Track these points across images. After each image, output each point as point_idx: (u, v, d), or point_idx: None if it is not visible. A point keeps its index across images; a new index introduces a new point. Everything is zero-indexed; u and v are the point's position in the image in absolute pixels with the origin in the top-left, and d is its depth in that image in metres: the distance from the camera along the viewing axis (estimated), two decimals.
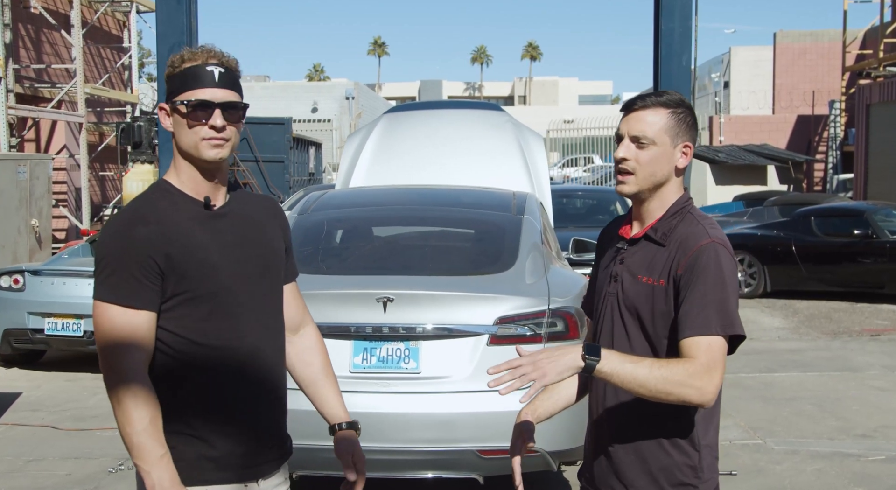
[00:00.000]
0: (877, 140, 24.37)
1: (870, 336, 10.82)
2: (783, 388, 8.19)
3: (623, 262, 2.57)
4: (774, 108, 39.18)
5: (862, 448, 6.37)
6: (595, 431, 2.64)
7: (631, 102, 2.54)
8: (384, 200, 6.25)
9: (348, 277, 5.09)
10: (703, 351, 2.34)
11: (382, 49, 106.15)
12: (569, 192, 14.02)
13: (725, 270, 2.41)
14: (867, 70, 26.57)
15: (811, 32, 40.34)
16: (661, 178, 2.52)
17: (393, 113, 8.51)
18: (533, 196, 6.17)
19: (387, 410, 4.59)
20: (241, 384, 2.35)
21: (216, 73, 2.33)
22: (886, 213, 13.99)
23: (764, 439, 6.57)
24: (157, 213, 2.28)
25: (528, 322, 4.67)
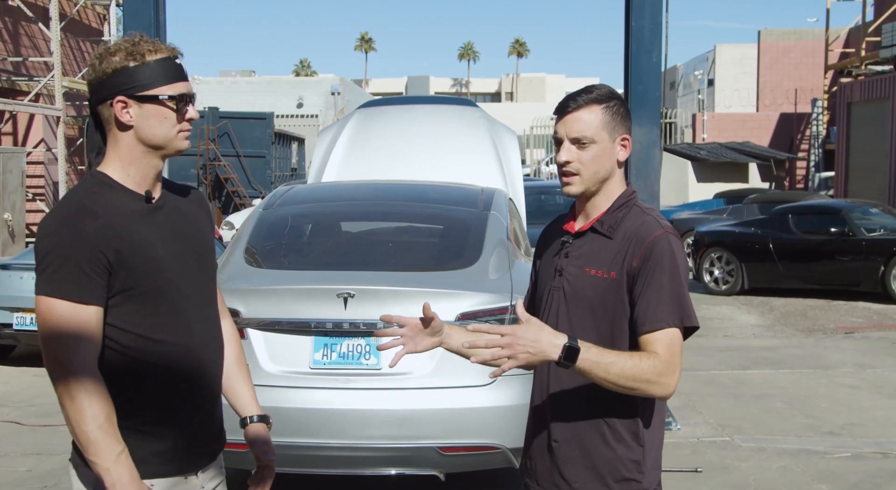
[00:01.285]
0: (858, 138, 24.47)
1: (844, 334, 10.85)
2: (754, 385, 8.20)
3: (568, 255, 2.56)
4: (758, 105, 39.30)
5: (828, 445, 6.38)
6: (537, 423, 2.61)
7: (564, 104, 2.53)
8: (350, 196, 6.23)
9: (309, 272, 5.06)
10: (664, 346, 2.38)
11: (369, 45, 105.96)
12: (547, 189, 14.01)
13: (679, 261, 2.45)
14: (849, 68, 26.64)
15: (795, 31, 40.46)
16: (605, 174, 2.53)
17: (366, 108, 8.47)
18: (501, 192, 6.14)
19: (347, 407, 4.58)
20: (187, 378, 2.36)
21: (182, 65, 2.37)
22: (863, 210, 14.04)
23: (731, 436, 6.58)
24: (104, 206, 2.25)
25: (491, 318, 4.66)
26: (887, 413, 7.22)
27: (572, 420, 2.51)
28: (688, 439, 6.43)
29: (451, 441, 4.57)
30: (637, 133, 6.20)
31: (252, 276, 5.06)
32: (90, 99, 2.36)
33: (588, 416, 2.50)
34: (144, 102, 2.29)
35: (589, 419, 2.50)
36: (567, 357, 2.28)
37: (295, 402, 4.60)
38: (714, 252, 14.15)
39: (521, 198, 7.25)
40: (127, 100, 2.29)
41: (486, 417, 4.62)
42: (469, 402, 4.63)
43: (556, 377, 2.53)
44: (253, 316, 4.69)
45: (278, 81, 51.80)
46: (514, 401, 4.59)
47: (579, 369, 2.31)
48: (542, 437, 2.59)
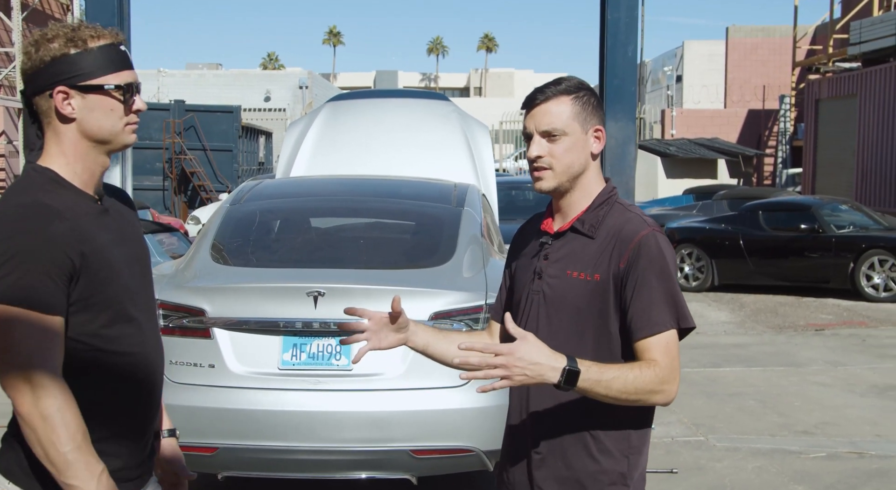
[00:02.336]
0: (825, 135, 24.63)
1: (814, 331, 10.86)
2: (727, 383, 8.16)
3: (548, 257, 2.44)
4: (726, 102, 39.51)
5: (802, 445, 6.34)
6: (516, 433, 2.48)
7: (532, 97, 2.42)
8: (320, 191, 6.09)
9: (278, 270, 4.93)
10: (662, 352, 2.27)
11: (338, 39, 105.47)
12: (518, 184, 13.92)
13: (669, 260, 2.34)
14: (817, 65, 26.81)
15: (763, 27, 40.71)
16: (578, 168, 2.41)
17: (336, 101, 8.33)
18: (475, 187, 6.04)
19: (317, 409, 4.46)
20: (144, 390, 2.21)
21: (127, 53, 2.18)
22: (832, 207, 14.09)
23: (706, 436, 6.52)
24: (67, 207, 2.06)
25: (465, 317, 4.55)
26: (860, 411, 7.20)
27: (554, 430, 2.39)
28: (662, 439, 6.36)
29: (424, 444, 4.46)
30: (612, 128, 6.10)
31: (219, 274, 4.92)
32: (25, 89, 2.15)
33: (571, 425, 2.38)
34: (88, 93, 2.10)
35: (572, 429, 2.38)
36: (568, 381, 2.17)
37: (263, 405, 4.47)
38: (684, 248, 14.13)
39: (494, 193, 7.14)
40: (68, 90, 2.09)
41: (460, 419, 4.52)
42: (442, 403, 4.51)
43: (537, 390, 2.40)
44: (219, 315, 4.55)
45: (245, 75, 51.38)
46: (488, 402, 4.48)
47: (580, 390, 2.19)
48: (521, 448, 2.46)
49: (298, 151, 7.25)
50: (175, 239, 10.91)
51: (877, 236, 13.06)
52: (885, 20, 21.31)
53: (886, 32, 21.11)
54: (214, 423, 4.47)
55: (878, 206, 18.97)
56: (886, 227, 13.68)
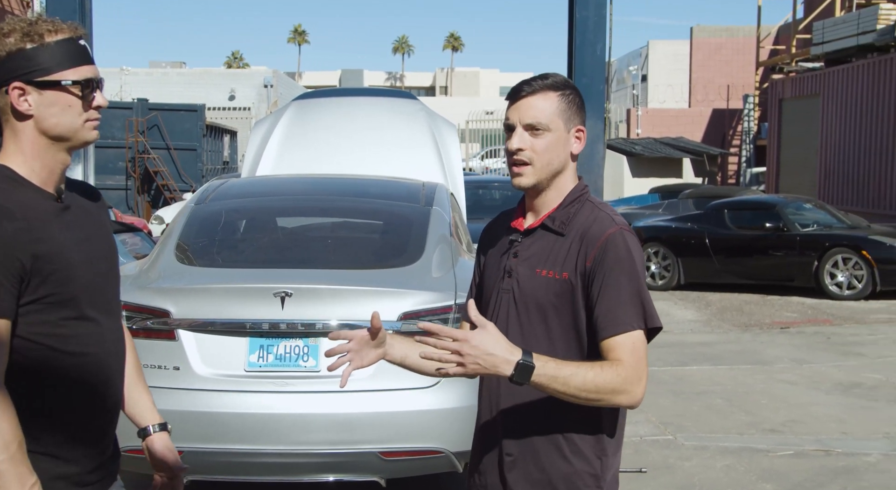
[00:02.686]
0: (788, 134, 24.85)
1: (780, 329, 10.93)
2: (694, 381, 8.19)
3: (517, 255, 2.41)
4: (691, 101, 39.79)
5: (770, 443, 6.36)
6: (486, 435, 2.44)
7: (518, 89, 2.38)
8: (286, 190, 6.03)
9: (244, 271, 4.86)
10: (628, 352, 2.23)
11: (303, 37, 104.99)
12: (485, 183, 13.91)
13: (637, 259, 2.30)
14: (780, 65, 27.06)
15: (727, 28, 41.05)
16: (558, 166, 2.37)
17: (302, 100, 8.26)
18: (443, 187, 6.00)
19: (284, 411, 4.40)
20: (99, 392, 2.15)
21: (87, 47, 2.12)
22: (797, 206, 14.20)
23: (674, 435, 6.53)
24: (18, 206, 2.00)
25: (435, 317, 4.51)
26: (826, 409, 7.25)
27: (526, 432, 2.36)
28: (630, 438, 6.35)
29: (393, 445, 4.42)
30: None
31: (183, 275, 4.85)
32: None
33: (543, 427, 2.34)
34: (45, 89, 2.04)
35: (544, 430, 2.34)
36: (521, 375, 2.13)
37: (229, 407, 4.41)
38: (651, 247, 14.18)
39: (462, 192, 7.12)
40: (25, 86, 2.03)
41: (429, 420, 4.48)
42: (411, 404, 4.47)
43: (507, 383, 2.38)
44: (184, 316, 4.48)
45: (210, 73, 51.00)
46: (457, 403, 4.46)
47: (535, 384, 2.16)
48: (492, 451, 2.42)
49: (264, 150, 7.19)
50: (138, 239, 10.78)
51: (840, 235, 13.19)
52: (847, 21, 21.54)
53: (848, 33, 21.33)
54: (179, 426, 4.35)
55: (841, 205, 19.17)
56: (850, 225, 13.82)
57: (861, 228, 13.72)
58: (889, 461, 5.97)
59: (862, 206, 19.95)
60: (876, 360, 9.07)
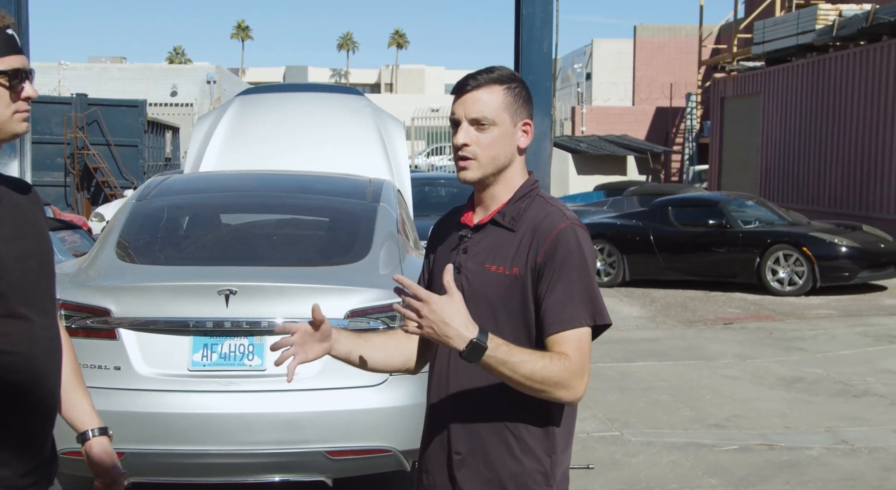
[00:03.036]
0: (730, 132, 25.19)
1: (723, 324, 11.06)
2: (639, 378, 8.24)
3: (467, 251, 2.38)
4: (634, 99, 40.16)
5: (715, 438, 6.42)
6: (435, 434, 2.41)
7: (463, 83, 2.35)
8: (231, 186, 5.94)
9: (188, 268, 4.78)
10: (574, 347, 2.22)
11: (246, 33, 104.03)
12: (431, 180, 13.90)
13: (587, 254, 2.29)
14: (722, 64, 27.41)
15: (670, 27, 41.49)
16: (504, 160, 2.36)
17: (246, 95, 8.17)
18: (390, 183, 5.97)
19: (228, 411, 4.34)
20: (29, 393, 2.07)
21: (15, 37, 2.04)
22: (739, 203, 14.38)
23: (621, 431, 6.56)
24: None
25: (382, 315, 4.48)
26: (769, 404, 7.34)
27: (475, 430, 2.33)
28: (577, 435, 6.35)
29: (340, 444, 4.38)
30: None
31: (124, 272, 4.75)
32: None
33: (493, 424, 2.32)
34: None
35: (494, 428, 2.32)
36: (471, 353, 2.11)
37: (172, 407, 4.33)
38: (596, 244, 14.25)
39: (408, 189, 7.09)
40: None
41: (376, 419, 4.45)
42: (358, 403, 4.44)
43: (456, 380, 2.34)
44: (125, 315, 4.39)
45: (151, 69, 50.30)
46: (405, 401, 4.43)
47: (484, 364, 2.15)
48: (440, 450, 2.39)
49: (207, 146, 7.09)
50: (77, 236, 10.56)
51: (781, 231, 13.38)
52: (787, 21, 21.88)
53: (788, 33, 21.66)
54: (120, 427, 4.26)
55: (781, 202, 19.48)
56: (790, 222, 14.03)
57: (801, 225, 13.94)
58: (831, 455, 6.06)
59: (801, 203, 20.30)
60: (816, 355, 9.22)
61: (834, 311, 11.84)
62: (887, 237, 13.78)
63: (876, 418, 6.88)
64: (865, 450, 6.14)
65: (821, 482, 5.55)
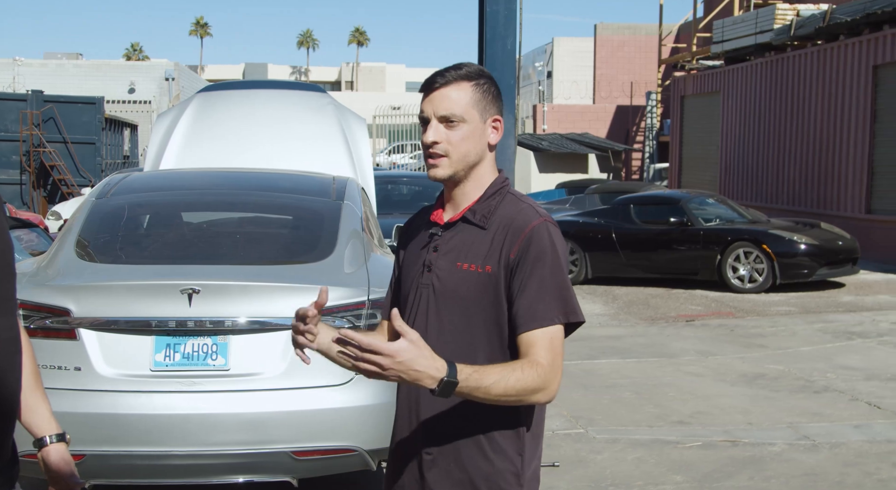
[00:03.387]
0: (690, 131, 25.40)
1: (685, 322, 11.14)
2: (603, 375, 8.27)
3: (437, 249, 2.37)
4: (595, 97, 40.34)
5: (679, 435, 6.46)
6: (405, 434, 2.40)
7: (431, 80, 2.34)
8: (193, 184, 5.87)
9: (150, 267, 4.71)
10: (546, 347, 2.22)
11: (205, 30, 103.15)
12: (394, 179, 13.85)
13: (560, 252, 2.29)
14: (681, 63, 27.62)
15: (629, 25, 41.73)
16: (475, 157, 2.35)
17: (207, 92, 8.07)
18: (354, 181, 5.93)
19: (192, 411, 4.29)
20: None
21: None
22: (700, 201, 14.49)
23: (585, 428, 6.58)
24: None
25: (348, 313, 4.45)
26: (732, 400, 7.39)
27: (447, 431, 2.32)
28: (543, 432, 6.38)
29: (305, 444, 4.35)
30: None
31: (84, 272, 4.68)
32: None
33: (464, 425, 2.31)
34: None
35: (465, 427, 2.31)
36: (444, 391, 2.09)
37: (134, 408, 4.27)
38: None
39: (372, 187, 7.06)
40: None
41: (342, 418, 4.42)
42: (323, 402, 4.40)
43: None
44: (86, 315, 4.32)
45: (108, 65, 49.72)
46: (371, 400, 4.41)
47: (457, 395, 2.12)
48: (411, 450, 2.38)
49: (168, 144, 7.01)
50: (34, 235, 10.39)
51: (742, 229, 13.50)
52: (746, 20, 22.09)
53: (747, 32, 21.87)
54: (81, 429, 4.23)
55: (741, 200, 19.68)
56: (750, 220, 14.16)
57: (761, 223, 14.07)
58: (793, 451, 6.11)
59: (760, 200, 20.51)
60: (777, 351, 9.31)
61: (793, 307, 11.97)
62: (845, 234, 13.97)
63: (836, 414, 6.96)
64: (827, 445, 6.20)
65: (784, 478, 5.60)
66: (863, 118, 16.95)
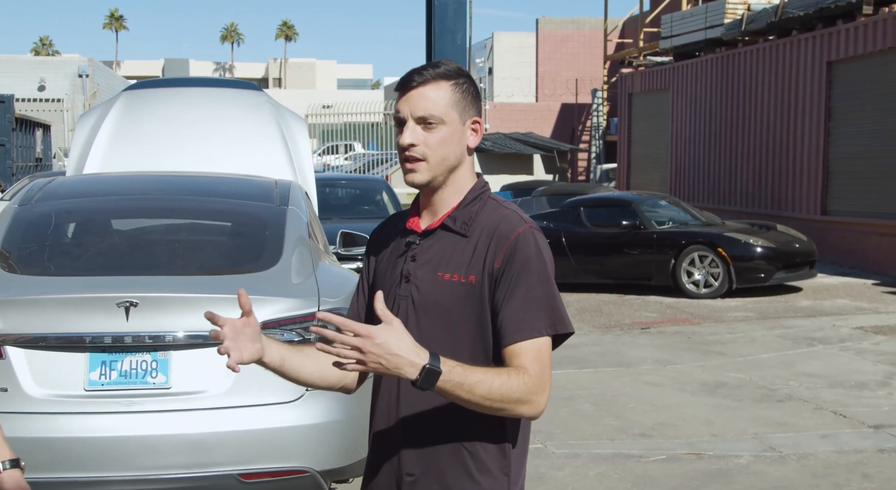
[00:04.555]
0: (639, 129, 25.71)
1: (640, 329, 11.25)
2: (560, 386, 8.31)
3: (416, 258, 2.36)
4: (538, 95, 40.60)
5: (641, 448, 6.52)
6: (383, 452, 2.38)
7: (408, 79, 2.33)
8: (124, 189, 5.78)
9: (82, 279, 4.62)
10: (533, 359, 2.21)
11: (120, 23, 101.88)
12: (332, 181, 13.79)
13: (547, 260, 2.31)
14: (628, 59, 27.95)
15: (573, 20, 42.10)
16: (454, 161, 2.35)
17: (133, 90, 7.95)
18: (297, 185, 5.90)
19: (130, 433, 4.22)
20: None
21: None
22: (653, 203, 14.67)
23: (544, 443, 6.61)
24: None
25: (297, 326, 4.42)
26: (694, 410, 7.49)
27: (430, 450, 2.31)
28: None
29: (253, 466, 4.31)
30: None
31: (9, 285, 4.57)
32: None
33: (448, 442, 2.30)
34: None
35: (450, 449, 2.30)
36: (426, 380, 2.08)
37: (67, 431, 4.18)
38: None
39: (314, 190, 7.04)
40: None
41: (293, 438, 4.38)
42: (272, 421, 4.36)
43: (407, 395, 2.31)
44: (12, 331, 4.22)
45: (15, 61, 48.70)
46: (323, 418, 4.39)
47: (439, 390, 2.12)
48: (389, 470, 2.36)
49: (92, 146, 6.89)
50: None
51: (696, 232, 13.68)
52: (696, 14, 22.43)
53: (696, 26, 22.22)
54: None
55: (693, 201, 19.95)
56: (704, 222, 14.37)
57: (716, 226, 14.29)
58: (759, 462, 6.21)
59: (713, 202, 20.83)
60: (737, 358, 9.45)
61: (751, 313, 12.17)
62: (801, 237, 14.25)
63: (802, 423, 7.09)
64: (794, 456, 6.31)
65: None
66: (817, 116, 17.30)
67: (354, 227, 8.43)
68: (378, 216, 11.57)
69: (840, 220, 16.62)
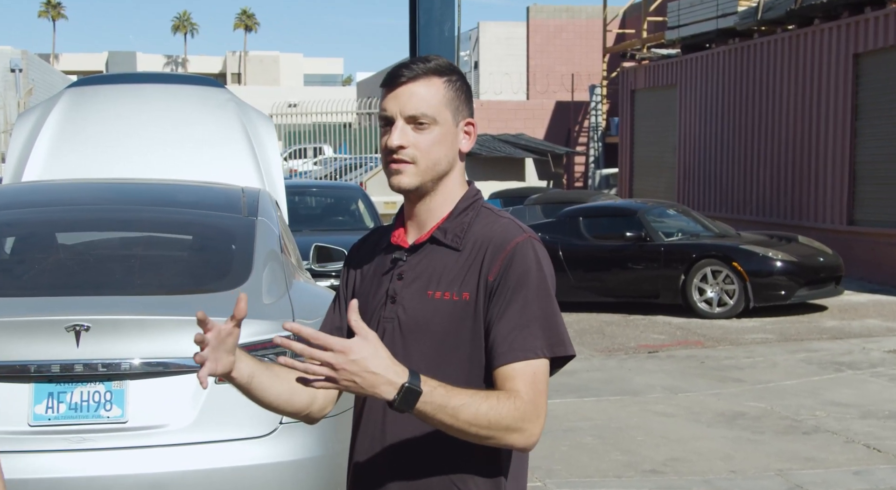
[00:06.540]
0: (642, 130, 25.80)
1: (647, 353, 11.29)
2: (559, 417, 8.32)
3: (402, 276, 2.36)
4: (530, 92, 40.72)
5: (653, 486, 6.54)
6: (366, 484, 2.40)
7: (396, 74, 2.34)
8: (70, 199, 5.77)
9: (25, 300, 4.61)
10: (527, 383, 2.22)
11: (57, 11, 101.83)
12: (302, 189, 13.80)
13: (548, 274, 2.32)
14: (631, 51, 28.08)
15: (567, 8, 42.24)
16: (445, 166, 2.37)
17: (78, 87, 7.94)
18: (267, 193, 5.91)
19: (81, 473, 4.20)
20: None
21: None
22: (660, 212, 14.73)
23: (543, 481, 6.62)
24: None
25: (268, 351, 4.41)
26: (710, 444, 7.52)
27: (417, 485, 2.33)
28: None
29: None
30: None
31: None
32: None
33: (439, 479, 2.32)
34: None
35: (440, 483, 2.32)
36: (404, 401, 2.09)
37: (10, 472, 4.13)
38: None
39: (283, 199, 7.04)
40: None
41: (265, 477, 4.38)
42: (242, 459, 4.36)
43: (394, 423, 2.32)
44: None
45: None
46: (299, 454, 4.39)
47: (419, 413, 2.13)
48: None
49: (32, 150, 6.87)
50: None
51: (709, 244, 13.73)
52: (706, 2, 22.54)
53: (707, 15, 22.35)
54: None
55: (703, 210, 20.01)
56: (718, 233, 14.41)
57: (730, 237, 14.35)
58: None
59: (725, 211, 20.92)
60: (756, 386, 9.49)
61: (771, 335, 12.23)
62: (826, 249, 14.30)
63: (831, 458, 7.12)
64: None
65: None
66: (843, 114, 17.40)
67: (328, 240, 8.44)
68: (354, 227, 11.58)
69: (868, 231, 16.69)
